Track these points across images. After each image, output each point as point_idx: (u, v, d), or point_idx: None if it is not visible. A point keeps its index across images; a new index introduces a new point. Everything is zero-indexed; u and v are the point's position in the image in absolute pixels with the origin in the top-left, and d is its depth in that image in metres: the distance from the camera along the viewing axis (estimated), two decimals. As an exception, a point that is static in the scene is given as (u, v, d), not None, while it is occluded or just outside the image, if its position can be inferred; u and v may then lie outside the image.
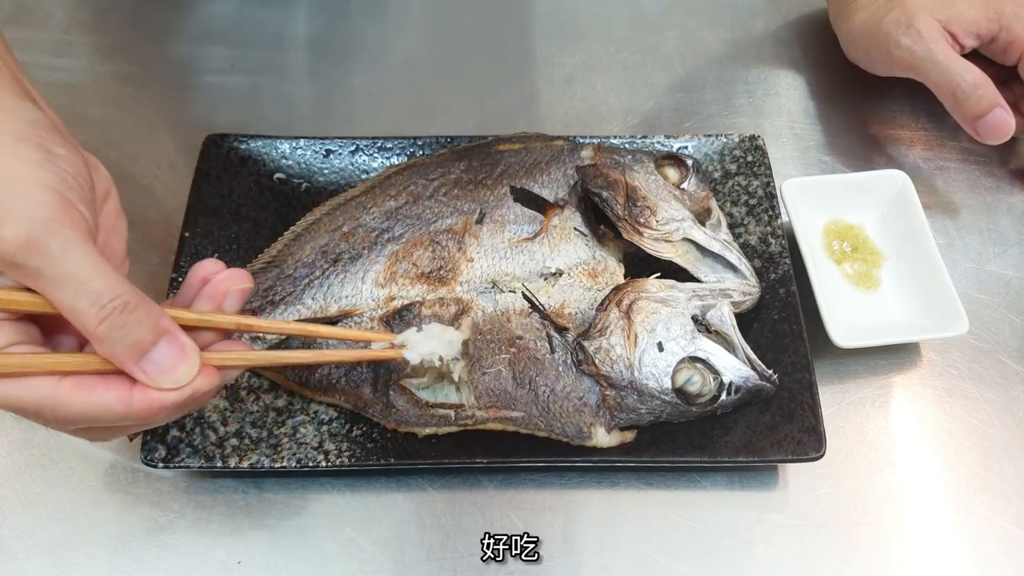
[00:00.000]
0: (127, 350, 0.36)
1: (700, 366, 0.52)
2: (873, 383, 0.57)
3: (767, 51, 0.75)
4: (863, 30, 0.66)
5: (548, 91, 0.72)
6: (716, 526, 0.51)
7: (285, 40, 0.74)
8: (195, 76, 0.71)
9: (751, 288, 0.55)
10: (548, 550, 0.50)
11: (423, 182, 0.58)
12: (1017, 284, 0.61)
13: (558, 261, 0.56)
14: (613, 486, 0.52)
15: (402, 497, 0.52)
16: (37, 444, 0.53)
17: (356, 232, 0.57)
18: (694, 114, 0.70)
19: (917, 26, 0.61)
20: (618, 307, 0.52)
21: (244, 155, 0.61)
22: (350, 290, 0.54)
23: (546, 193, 0.58)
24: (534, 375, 0.51)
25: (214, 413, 0.51)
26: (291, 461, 0.49)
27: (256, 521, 0.51)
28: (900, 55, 0.62)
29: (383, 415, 0.51)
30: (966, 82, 0.60)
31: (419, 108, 0.70)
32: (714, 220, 0.58)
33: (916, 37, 0.61)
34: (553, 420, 0.50)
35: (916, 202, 0.60)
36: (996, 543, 0.51)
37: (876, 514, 0.52)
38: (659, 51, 0.75)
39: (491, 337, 0.52)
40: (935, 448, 0.54)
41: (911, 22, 0.62)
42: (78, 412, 0.36)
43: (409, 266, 0.55)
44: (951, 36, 0.62)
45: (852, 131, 0.69)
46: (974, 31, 0.62)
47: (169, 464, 0.49)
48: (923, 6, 0.62)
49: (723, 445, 0.50)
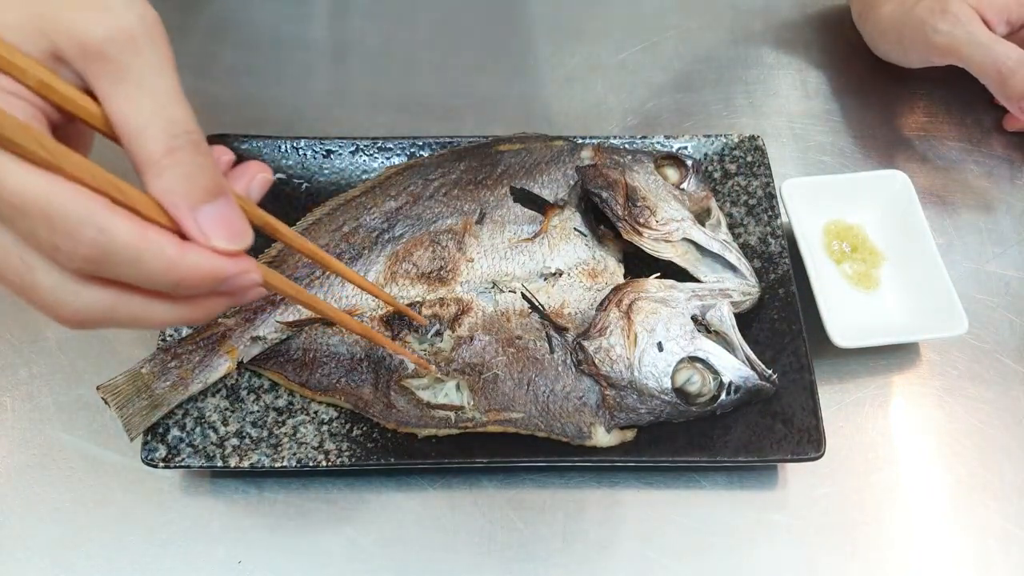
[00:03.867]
0: (189, 190, 0.31)
1: (700, 366, 0.52)
2: (873, 383, 0.57)
3: (767, 51, 0.75)
4: (894, 20, 0.66)
5: (548, 91, 0.72)
6: (716, 526, 0.51)
7: (285, 40, 0.74)
8: (196, 76, 0.71)
9: (751, 288, 0.55)
10: (548, 550, 0.50)
11: (423, 182, 0.58)
12: (1017, 284, 0.61)
13: (558, 261, 0.56)
14: (613, 486, 0.52)
15: (402, 497, 0.52)
16: (37, 444, 0.53)
17: (356, 232, 0.57)
18: (694, 114, 0.70)
19: (953, 10, 0.62)
20: (618, 307, 0.52)
21: (244, 155, 0.61)
22: (350, 290, 0.55)
23: (546, 193, 0.58)
24: (534, 375, 0.51)
25: (214, 413, 0.51)
26: (291, 461, 0.49)
27: (256, 521, 0.51)
28: (939, 40, 0.62)
29: (383, 415, 0.51)
30: (1012, 60, 0.60)
31: (419, 108, 0.70)
32: (714, 220, 0.58)
33: (954, 21, 0.61)
34: (553, 420, 0.50)
35: (916, 202, 0.60)
36: (996, 543, 0.51)
37: (876, 514, 0.52)
38: (659, 51, 0.75)
39: (491, 337, 0.52)
40: (935, 448, 0.54)
41: (946, 7, 0.62)
42: (126, 242, 0.30)
43: (409, 266, 0.55)
44: (983, 21, 0.62)
45: (852, 131, 0.69)
46: (1005, 16, 0.62)
47: (169, 464, 0.49)
48: None
49: (723, 445, 0.50)
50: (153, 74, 0.31)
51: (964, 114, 0.70)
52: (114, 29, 0.30)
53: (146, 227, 0.31)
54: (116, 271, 0.31)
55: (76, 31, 0.30)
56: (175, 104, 0.32)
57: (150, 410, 0.49)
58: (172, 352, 0.51)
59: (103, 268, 0.30)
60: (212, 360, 0.51)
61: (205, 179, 0.32)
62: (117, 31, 0.30)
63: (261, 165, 0.38)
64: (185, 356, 0.51)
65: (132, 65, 0.31)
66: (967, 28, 0.61)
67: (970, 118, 0.69)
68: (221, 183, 0.33)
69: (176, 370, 0.51)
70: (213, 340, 0.52)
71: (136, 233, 0.30)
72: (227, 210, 0.33)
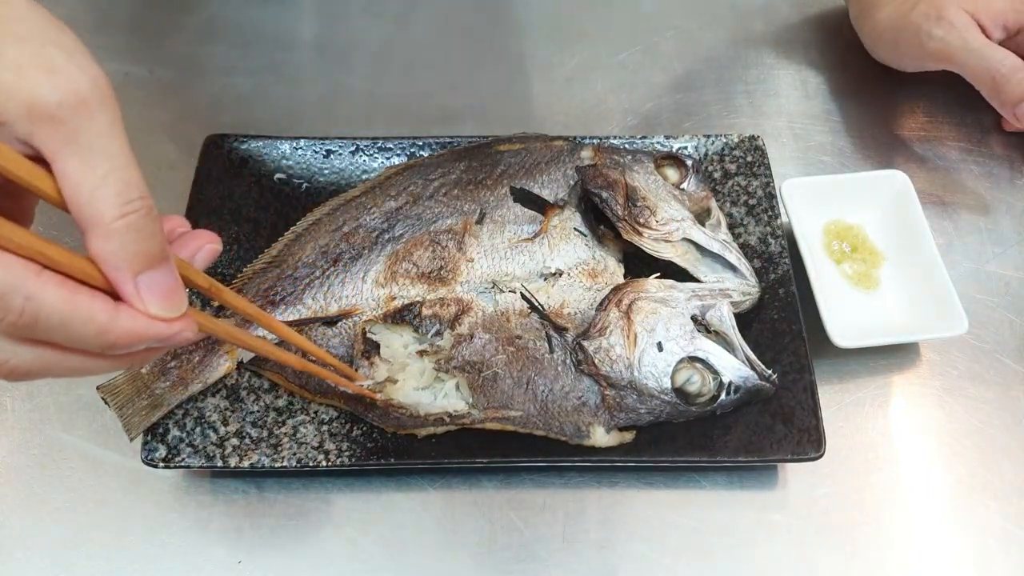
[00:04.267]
0: (133, 257, 0.31)
1: (700, 366, 0.52)
2: (873, 383, 0.57)
3: (766, 52, 0.75)
4: (890, 25, 0.66)
5: (548, 91, 0.72)
6: (716, 526, 0.51)
7: (285, 40, 0.74)
8: (196, 77, 0.71)
9: (751, 288, 0.55)
10: (548, 550, 0.50)
11: (423, 182, 0.58)
12: (1017, 284, 0.61)
13: (558, 261, 0.56)
14: (613, 486, 0.52)
15: (402, 497, 0.52)
16: (37, 444, 0.53)
17: (356, 232, 0.57)
18: (694, 114, 0.70)
19: (948, 16, 0.62)
20: (618, 307, 0.52)
21: (244, 155, 0.61)
22: (350, 290, 0.55)
23: (546, 193, 0.58)
24: (533, 374, 0.51)
25: (214, 413, 0.51)
26: (291, 461, 0.49)
27: (256, 521, 0.51)
28: (934, 46, 0.62)
29: (381, 419, 0.51)
30: (1005, 67, 0.60)
31: (419, 108, 0.70)
32: (714, 220, 0.58)
33: (948, 27, 0.61)
34: (552, 420, 0.50)
35: (915, 202, 0.60)
36: (996, 543, 0.51)
37: (876, 514, 0.52)
38: (659, 51, 0.75)
39: (491, 336, 0.52)
40: (934, 448, 0.54)
41: (941, 13, 0.62)
42: (55, 309, 0.30)
43: (409, 266, 0.55)
44: (979, 27, 0.62)
45: (851, 131, 0.69)
46: (1001, 22, 0.62)
47: (169, 464, 0.49)
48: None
49: (723, 445, 0.50)
50: (106, 137, 0.31)
51: (964, 114, 0.70)
52: (66, 92, 0.30)
53: (76, 292, 0.31)
54: (47, 336, 0.31)
55: (24, 94, 0.30)
56: (129, 167, 0.31)
57: (150, 410, 0.49)
58: (172, 352, 0.51)
59: (34, 333, 0.31)
60: (212, 360, 0.51)
61: (151, 246, 0.32)
62: (70, 94, 0.30)
63: (212, 236, 0.38)
64: (185, 356, 0.51)
65: (85, 128, 0.31)
66: (962, 34, 0.61)
67: (970, 118, 0.69)
68: (165, 250, 0.33)
69: (176, 370, 0.51)
70: (213, 340, 0.52)
71: (65, 299, 0.30)
72: (166, 278, 0.33)
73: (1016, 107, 0.61)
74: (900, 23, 0.65)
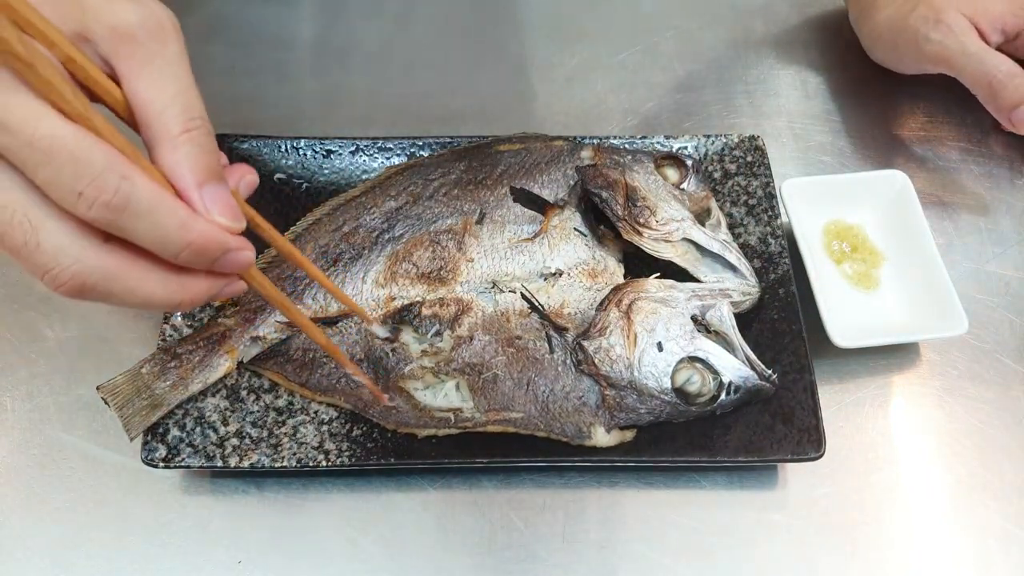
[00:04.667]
0: (199, 168, 0.34)
1: (700, 366, 0.52)
2: (873, 383, 0.57)
3: (767, 52, 0.75)
4: (889, 27, 0.66)
5: (548, 91, 0.72)
6: (716, 526, 0.51)
7: (285, 40, 0.74)
8: (195, 76, 0.71)
9: (751, 288, 0.55)
10: (548, 550, 0.50)
11: (423, 182, 0.58)
12: (1017, 284, 0.61)
13: (558, 261, 0.56)
14: (613, 486, 0.52)
15: (402, 497, 0.52)
16: (37, 444, 0.53)
17: (356, 232, 0.57)
18: (694, 114, 0.70)
19: (946, 20, 0.61)
20: (618, 307, 0.52)
21: (244, 155, 0.61)
22: (350, 290, 0.55)
23: (546, 193, 0.58)
24: (533, 375, 0.51)
25: (214, 413, 0.51)
26: (291, 461, 0.49)
27: (256, 521, 0.51)
28: (931, 49, 0.62)
29: (383, 416, 0.51)
30: (1001, 72, 0.60)
31: (419, 108, 0.70)
32: (714, 220, 0.58)
33: (946, 31, 0.61)
34: (552, 420, 0.50)
35: (915, 202, 0.60)
36: (996, 543, 0.51)
37: (876, 514, 0.52)
38: (659, 51, 0.75)
39: (491, 337, 0.52)
40: (935, 448, 0.54)
41: (939, 17, 0.62)
42: (146, 194, 0.32)
43: (409, 266, 0.55)
44: (977, 31, 0.62)
45: (851, 131, 0.69)
46: (1000, 26, 0.62)
47: (169, 464, 0.49)
48: (949, 2, 0.62)
49: (723, 445, 0.50)
50: (176, 64, 0.34)
51: (964, 115, 0.69)
52: (147, 18, 0.33)
53: (163, 185, 0.33)
54: (132, 223, 0.32)
55: (109, 15, 0.33)
56: (193, 92, 0.34)
57: (150, 410, 0.49)
58: (172, 352, 0.51)
59: (120, 219, 0.32)
60: (212, 360, 0.52)
61: (211, 161, 0.34)
62: (150, 20, 0.34)
63: (249, 168, 0.39)
64: (185, 356, 0.51)
65: (159, 52, 0.34)
66: (959, 38, 0.61)
67: (970, 119, 0.69)
68: (222, 171, 0.35)
69: (176, 370, 0.51)
70: (213, 340, 0.52)
71: (155, 189, 0.32)
72: (225, 193, 0.35)
73: (1011, 113, 0.61)
74: (899, 25, 0.65)
